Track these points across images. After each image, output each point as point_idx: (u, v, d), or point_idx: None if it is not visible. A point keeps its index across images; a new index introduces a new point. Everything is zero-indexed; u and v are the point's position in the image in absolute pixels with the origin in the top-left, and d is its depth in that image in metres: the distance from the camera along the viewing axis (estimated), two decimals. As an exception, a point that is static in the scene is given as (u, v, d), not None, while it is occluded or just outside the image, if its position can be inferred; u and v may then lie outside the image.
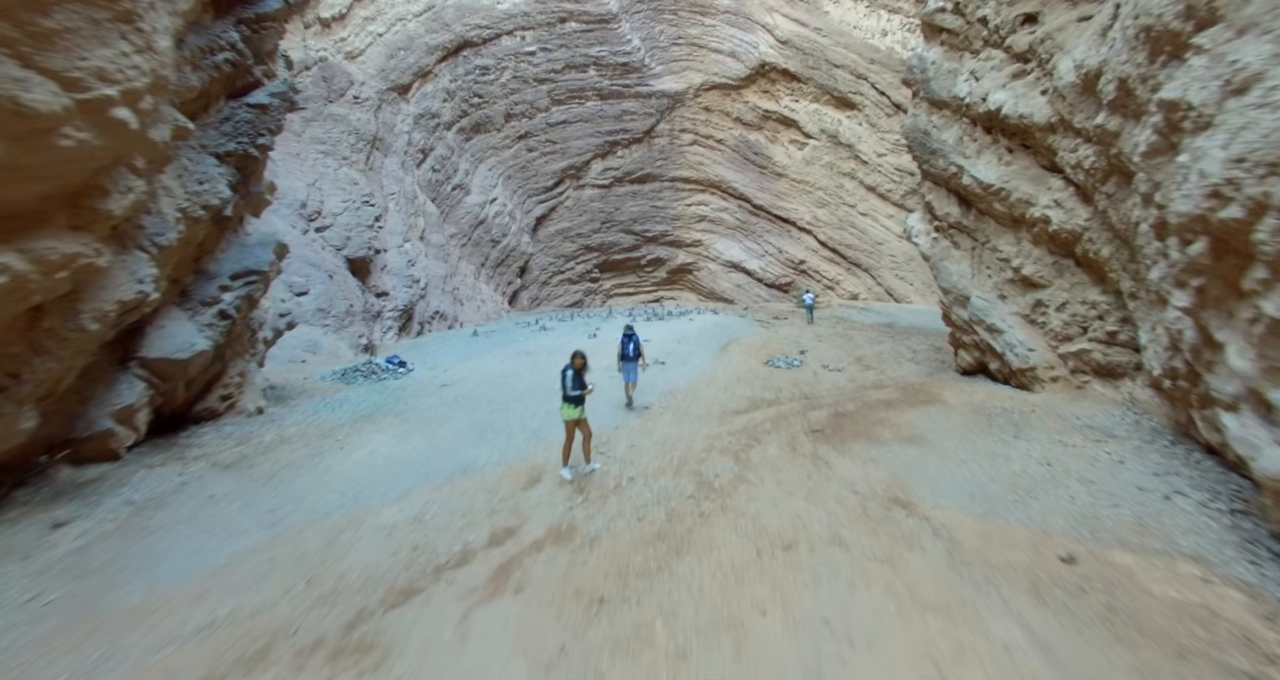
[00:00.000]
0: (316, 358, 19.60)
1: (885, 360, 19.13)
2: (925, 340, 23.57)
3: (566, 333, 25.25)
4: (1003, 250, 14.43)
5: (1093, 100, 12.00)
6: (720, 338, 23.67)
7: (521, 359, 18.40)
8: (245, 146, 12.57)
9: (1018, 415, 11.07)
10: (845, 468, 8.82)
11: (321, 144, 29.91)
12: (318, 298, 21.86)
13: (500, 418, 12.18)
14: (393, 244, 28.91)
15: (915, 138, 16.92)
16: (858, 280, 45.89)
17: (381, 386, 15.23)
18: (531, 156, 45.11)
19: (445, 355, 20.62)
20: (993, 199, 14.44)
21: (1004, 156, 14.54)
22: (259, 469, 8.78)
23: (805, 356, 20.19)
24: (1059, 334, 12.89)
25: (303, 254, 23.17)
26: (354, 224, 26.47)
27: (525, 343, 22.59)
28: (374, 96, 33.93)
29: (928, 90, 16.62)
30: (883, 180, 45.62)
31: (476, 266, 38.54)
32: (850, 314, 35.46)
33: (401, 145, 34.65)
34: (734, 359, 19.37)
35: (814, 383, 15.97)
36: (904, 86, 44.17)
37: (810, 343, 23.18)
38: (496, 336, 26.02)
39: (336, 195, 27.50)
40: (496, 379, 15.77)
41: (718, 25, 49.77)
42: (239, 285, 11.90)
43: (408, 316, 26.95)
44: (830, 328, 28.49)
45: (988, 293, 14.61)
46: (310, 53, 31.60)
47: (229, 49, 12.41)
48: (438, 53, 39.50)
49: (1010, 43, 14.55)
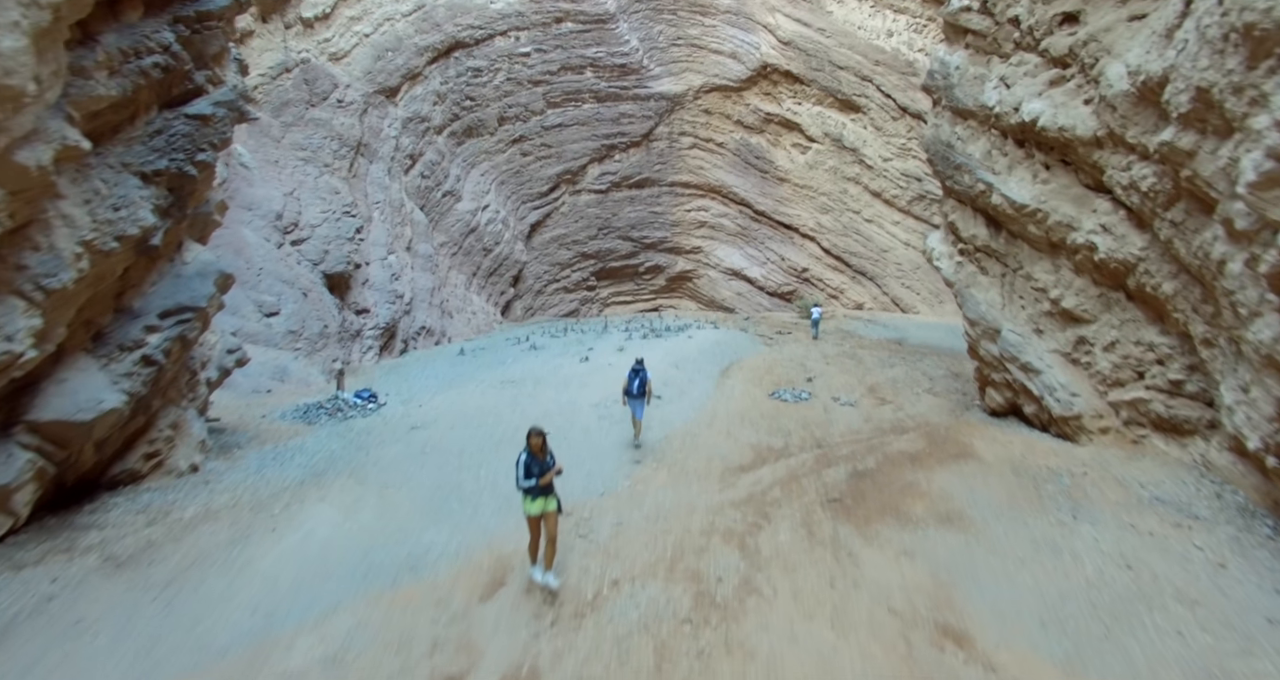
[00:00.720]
0: (284, 386, 17.96)
1: (901, 391, 17.48)
2: (940, 363, 21.91)
3: (557, 352, 23.58)
4: (1038, 279, 12.78)
5: (1153, 112, 10.34)
6: (721, 360, 22.03)
7: (504, 391, 16.76)
8: (180, 164, 10.92)
9: (1069, 479, 9.43)
10: (875, 566, 7.18)
11: (302, 150, 28.26)
12: (289, 318, 20.23)
13: (469, 477, 10.54)
14: (375, 256, 27.26)
15: (937, 151, 15.27)
16: (863, 289, 44.25)
17: (345, 428, 13.59)
18: (526, 161, 43.44)
19: (423, 383, 18.97)
20: (1027, 221, 12.80)
21: (1039, 173, 12.89)
22: (160, 567, 7.15)
23: (813, 385, 18.54)
24: (1108, 378, 11.24)
25: (275, 270, 21.54)
26: (333, 236, 24.83)
27: (512, 366, 20.94)
28: (359, 100, 32.28)
29: (951, 98, 14.97)
30: (888, 186, 43.99)
31: (467, 276, 36.89)
32: (856, 327, 33.82)
33: (388, 151, 33.00)
34: (736, 388, 17.72)
35: (825, 423, 14.32)
36: (912, 88, 42.51)
37: (817, 366, 21.52)
38: (483, 356, 24.36)
39: (316, 205, 25.85)
40: (473, 418, 14.12)
41: (718, 25, 48.11)
42: (169, 325, 10.26)
43: (390, 334, 25.31)
44: (837, 346, 26.84)
45: (1021, 326, 12.95)
46: (291, 54, 29.94)
47: (161, 51, 10.75)
48: (428, 54, 37.82)
49: (1047, 46, 12.90)
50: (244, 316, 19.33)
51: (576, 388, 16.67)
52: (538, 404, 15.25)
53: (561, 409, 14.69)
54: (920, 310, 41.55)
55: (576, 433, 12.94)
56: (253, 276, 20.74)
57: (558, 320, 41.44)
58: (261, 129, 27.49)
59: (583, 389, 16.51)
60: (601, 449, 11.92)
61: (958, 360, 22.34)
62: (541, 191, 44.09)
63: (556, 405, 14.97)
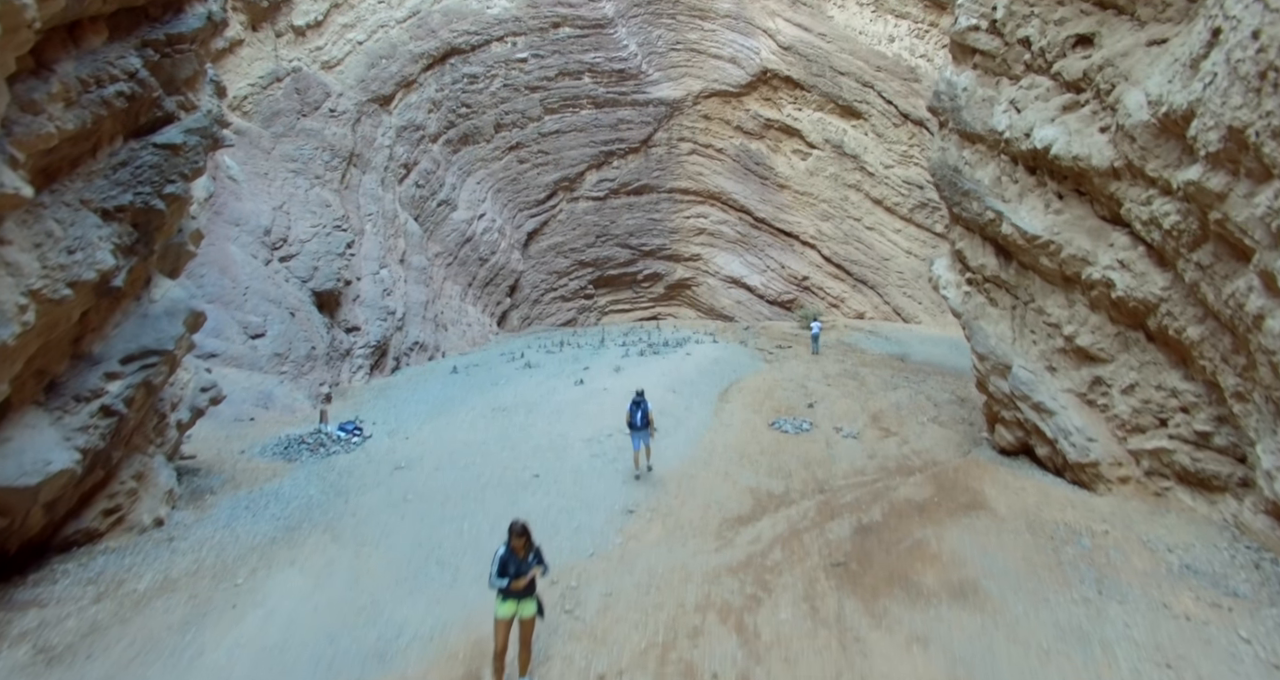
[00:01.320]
0: (268, 413, 17.31)
1: (905, 420, 16.84)
2: (944, 385, 21.28)
3: (552, 371, 22.95)
4: (1051, 313, 12.14)
5: (1176, 146, 9.70)
6: (719, 381, 21.40)
7: (494, 421, 16.13)
8: (146, 198, 10.27)
9: (1090, 540, 8.79)
10: (885, 656, 6.54)
11: (292, 162, 27.58)
12: (275, 340, 19.57)
13: (451, 532, 9.89)
14: (367, 271, 26.59)
15: (943, 175, 14.62)
16: (864, 298, 43.61)
17: (326, 468, 12.95)
18: (523, 168, 42.76)
19: (412, 408, 18.33)
20: (1038, 252, 12.15)
21: (1052, 203, 12.25)
22: (100, 662, 6.48)
23: (814, 412, 17.91)
24: (1127, 423, 10.60)
25: (262, 289, 20.88)
26: (323, 252, 24.17)
27: (505, 388, 20.30)
28: (352, 109, 31.61)
29: (958, 121, 14.31)
30: (890, 193, 43.33)
31: (463, 287, 36.24)
32: (858, 339, 33.20)
33: (382, 160, 32.33)
34: (735, 416, 17.09)
35: (827, 460, 13.68)
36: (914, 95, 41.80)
37: (818, 387, 20.89)
38: (477, 375, 23.73)
39: (306, 219, 25.19)
40: (460, 455, 13.48)
41: (718, 30, 47.39)
42: (132, 370, 9.62)
43: (381, 352, 24.65)
44: (838, 362, 26.21)
45: (1033, 363, 12.30)
46: (282, 63, 29.26)
47: (126, 78, 10.10)
48: (423, 61, 37.14)
49: (1059, 69, 12.26)
50: (228, 339, 18.69)
51: (569, 418, 16.03)
52: (528, 437, 14.61)
53: (553, 444, 14.06)
54: (922, 320, 40.91)
55: (566, 475, 12.30)
56: (238, 296, 20.10)
57: (555, 330, 40.81)
58: (251, 140, 26.83)
59: (576, 420, 15.87)
60: (593, 496, 11.27)
61: (962, 382, 21.72)
62: (539, 199, 43.41)
63: (548, 439, 14.33)
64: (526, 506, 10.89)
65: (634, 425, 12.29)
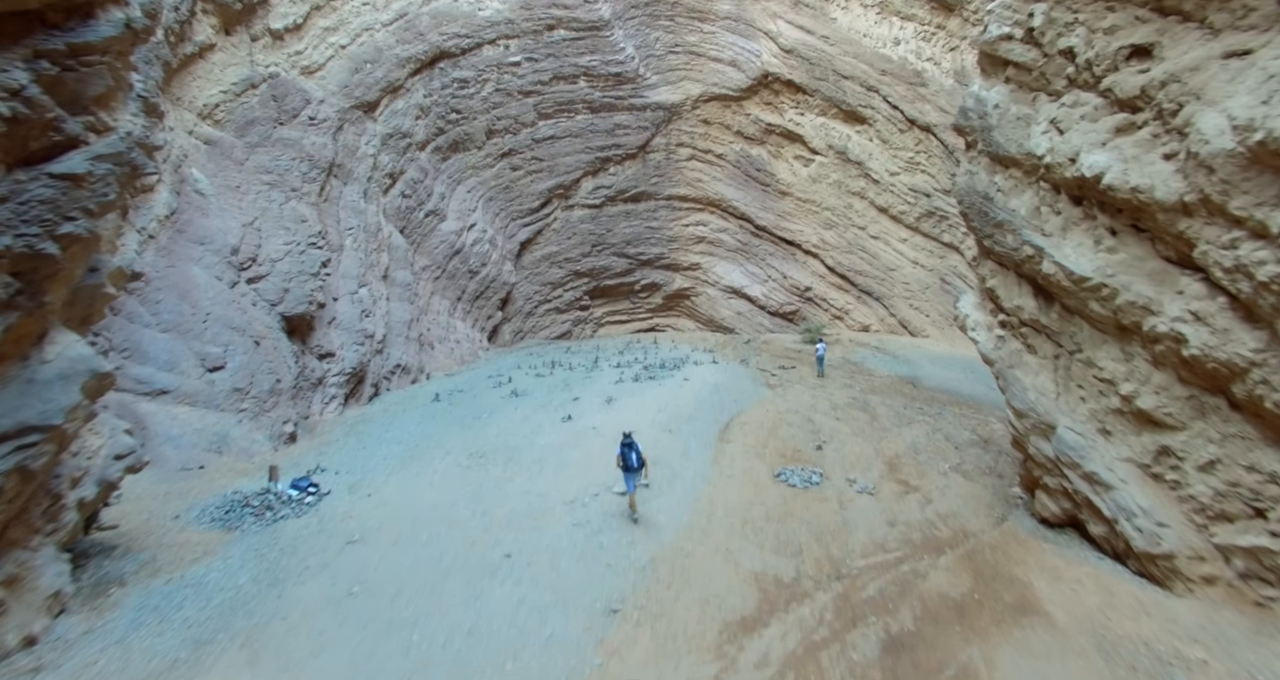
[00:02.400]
0: (221, 460, 15.52)
1: (925, 469, 15.05)
2: (962, 419, 19.50)
3: (539, 401, 21.19)
4: (1104, 367, 10.35)
5: (1273, 181, 7.98)
6: (719, 414, 19.65)
7: (469, 473, 14.35)
8: (32, 240, 8.50)
9: (1184, 676, 7.02)
10: None
11: (267, 174, 25.79)
12: (236, 373, 17.79)
13: (398, 646, 8.12)
14: (345, 291, 24.80)
15: (971, 202, 12.82)
16: (869, 310, 41.81)
17: (269, 539, 11.18)
18: (516, 176, 40.96)
19: (382, 451, 16.56)
20: (1088, 296, 10.38)
21: (1103, 239, 10.45)
22: None
23: (823, 454, 16.14)
24: (1208, 508, 8.82)
25: (225, 315, 19.10)
26: (296, 272, 22.37)
27: (486, 425, 18.54)
28: (334, 116, 29.81)
29: (989, 142, 12.52)
30: (895, 201, 41.55)
31: (451, 302, 34.43)
32: (864, 357, 31.42)
33: (365, 170, 30.54)
34: (736, 463, 15.31)
35: (842, 528, 11.90)
36: (920, 99, 40.02)
37: (826, 422, 19.13)
38: (459, 404, 21.98)
39: (279, 236, 23.40)
40: (425, 522, 11.71)
41: (717, 32, 45.60)
42: (4, 452, 7.85)
43: (358, 379, 22.85)
44: (845, 387, 24.45)
45: (1083, 424, 10.52)
46: (258, 69, 27.45)
47: (8, 97, 8.35)
48: (410, 65, 35.33)
49: (1110, 84, 10.46)
50: (182, 373, 16.90)
51: (552, 471, 14.26)
52: (504, 498, 12.83)
53: (530, 508, 12.28)
54: (929, 333, 39.13)
55: (543, 555, 10.52)
56: (197, 324, 18.32)
57: (548, 344, 39.04)
58: (223, 151, 25.03)
59: (559, 473, 14.11)
60: (572, 587, 9.50)
61: (981, 416, 19.97)
62: (532, 207, 41.62)
63: (525, 502, 12.55)
64: (492, 601, 9.13)
65: (631, 467, 11.85)
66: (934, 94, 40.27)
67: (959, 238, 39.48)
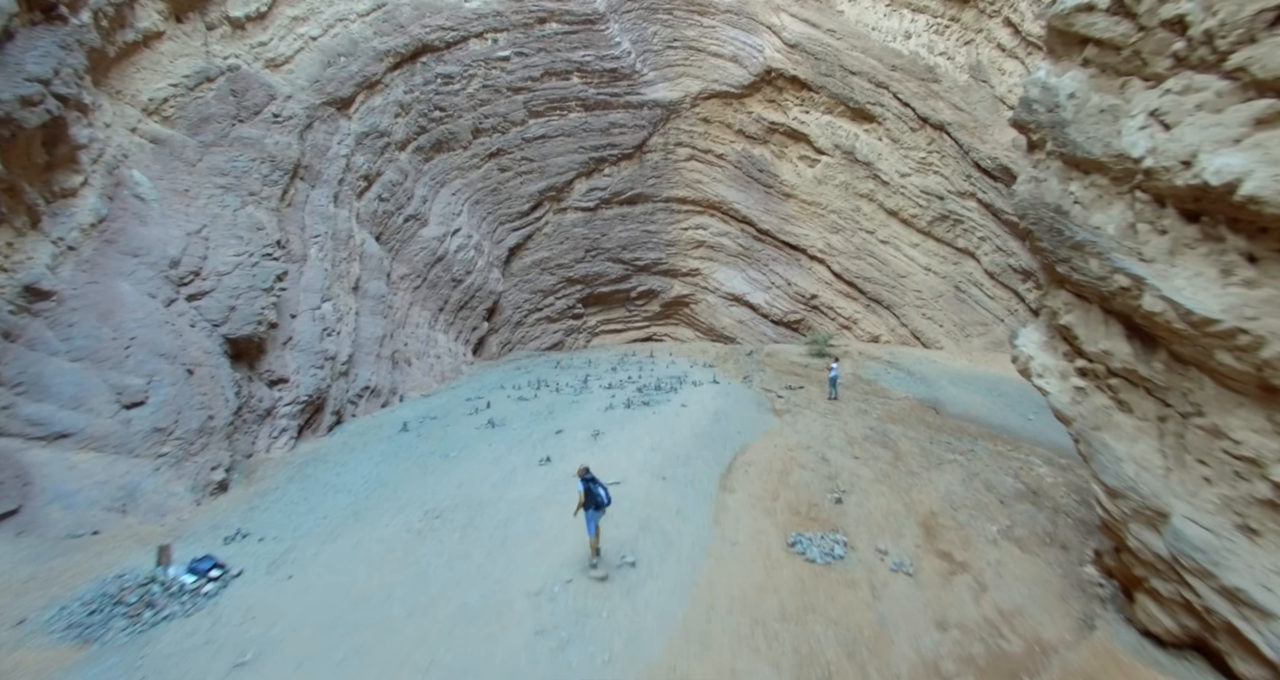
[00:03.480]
0: (123, 520, 12.87)
1: (970, 535, 12.41)
2: (1001, 461, 16.84)
3: (518, 435, 18.57)
4: (1241, 439, 7.69)
5: None
6: (721, 450, 17.06)
7: (419, 543, 11.71)
8: None
9: None
10: None
11: (222, 176, 23.12)
12: (159, 410, 15.12)
13: None
14: (306, 306, 22.14)
15: (1038, 217, 10.14)
16: (878, 319, 39.14)
17: (134, 659, 8.52)
18: (504, 177, 38.25)
19: (326, 505, 13.93)
20: (1214, 343, 7.72)
21: (1236, 268, 7.78)
22: None
23: (844, 509, 13.51)
24: None
25: (153, 339, 16.46)
26: (245, 287, 19.72)
27: (452, 468, 15.92)
28: (302, 113, 27.13)
29: (1062, 140, 9.84)
30: (906, 204, 38.88)
31: (433, 313, 31.76)
32: (877, 373, 28.79)
33: (335, 172, 27.86)
34: (741, 526, 12.69)
35: (878, 634, 9.26)
36: (932, 96, 37.30)
37: (843, 461, 16.51)
38: (427, 436, 19.39)
39: (228, 247, 20.74)
40: (345, 627, 9.08)
41: (718, 26, 42.87)
42: None
43: (316, 407, 20.19)
44: (860, 413, 21.83)
45: (1211, 515, 7.86)
46: (215, 60, 24.77)
47: None
48: (389, 59, 32.63)
49: (1243, 61, 7.77)
50: (91, 410, 14.25)
51: (519, 541, 11.62)
52: (455, 584, 10.18)
53: (484, 605, 9.63)
54: (943, 344, 36.49)
55: (490, 687, 7.89)
56: (118, 351, 15.67)
57: (538, 356, 36.42)
58: (172, 151, 22.37)
59: (527, 544, 11.47)
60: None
61: (1020, 455, 17.34)
62: (522, 211, 38.93)
63: (479, 593, 9.91)
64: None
65: (602, 503, 10.38)
66: (947, 91, 37.58)
67: (974, 243, 36.85)
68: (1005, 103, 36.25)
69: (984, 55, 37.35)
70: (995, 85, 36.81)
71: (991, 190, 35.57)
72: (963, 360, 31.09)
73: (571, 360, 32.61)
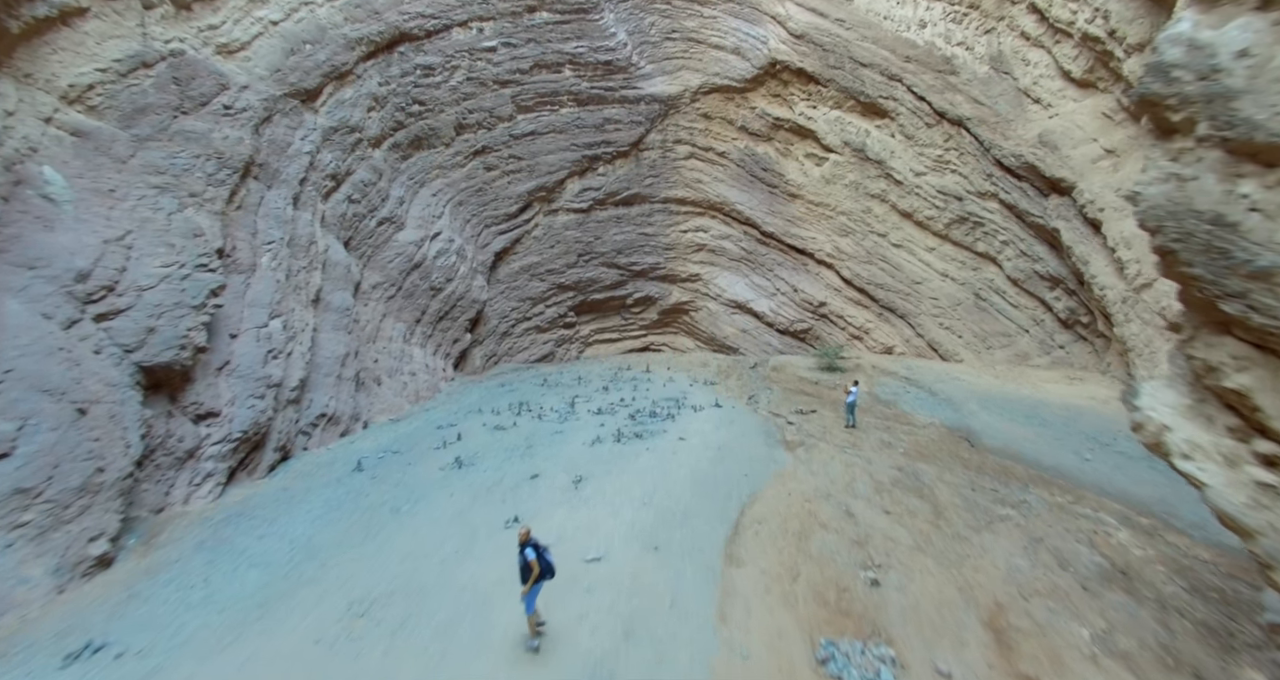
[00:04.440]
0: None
1: (1057, 643, 9.31)
2: (1066, 519, 13.74)
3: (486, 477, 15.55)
4: None
5: None
6: (726, 501, 14.04)
7: (330, 661, 8.66)
8: None
9: None
10: None
11: (158, 174, 20.05)
12: (27, 464, 12.01)
13: None
14: (250, 324, 19.05)
15: (1181, 228, 7.01)
16: (892, 329, 36.04)
17: None
18: (490, 177, 35.15)
19: (225, 594, 10.86)
20: None
21: None
22: None
23: (884, 600, 10.45)
24: None
25: (35, 371, 13.37)
26: (170, 304, 16.64)
27: (400, 530, 12.88)
28: (258, 105, 24.04)
29: (1225, 119, 6.72)
30: (921, 205, 35.74)
31: (408, 325, 28.68)
32: (895, 392, 25.75)
33: (297, 171, 24.75)
34: (755, 629, 9.62)
35: None
36: (949, 89, 34.13)
37: (872, 516, 13.46)
38: (382, 477, 16.35)
39: (155, 256, 17.66)
40: None
41: (719, 16, 39.79)
42: None
43: (254, 444, 17.10)
44: (883, 446, 18.79)
45: None
46: (154, 44, 21.67)
47: None
48: (362, 47, 29.56)
49: None
50: (-59, 469, 11.19)
51: (460, 656, 8.59)
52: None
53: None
54: (962, 356, 33.41)
55: None
56: (-10, 388, 12.61)
57: (526, 369, 33.34)
58: (99, 145, 19.29)
59: (472, 659, 8.43)
60: None
61: (1088, 510, 14.24)
62: (509, 213, 35.84)
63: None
64: None
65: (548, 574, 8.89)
66: (966, 83, 34.38)
67: (996, 247, 33.72)
68: (1029, 95, 33.09)
69: (1006, 44, 34.14)
70: (1019, 77, 33.60)
71: (1015, 190, 32.44)
72: (988, 377, 27.99)
73: (560, 376, 29.52)
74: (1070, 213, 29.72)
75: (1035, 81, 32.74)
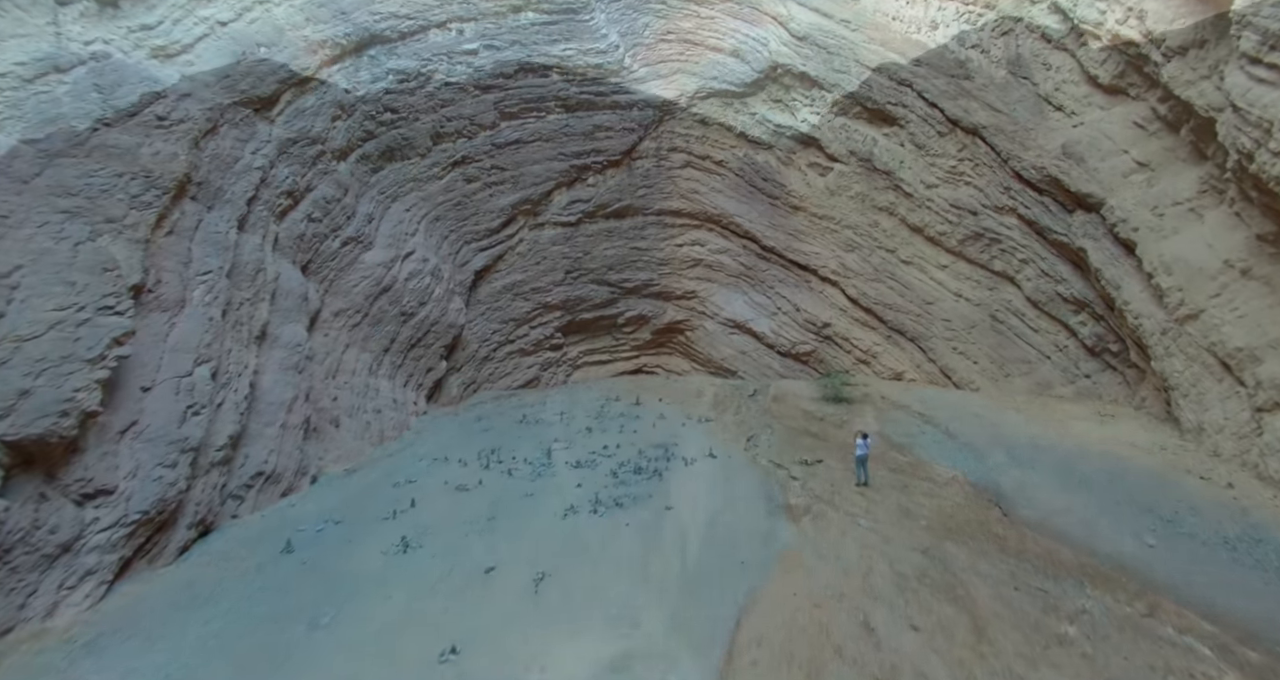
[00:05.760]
0: None
1: None
2: (1145, 649, 10.79)
3: (437, 565, 12.66)
4: None
5: None
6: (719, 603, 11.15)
7: None
8: None
9: None
10: None
11: (68, 196, 17.13)
12: None
13: None
14: (169, 373, 16.08)
15: None
16: (901, 353, 33.07)
17: None
18: (471, 189, 32.15)
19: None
20: None
21: None
22: None
23: None
24: None
25: None
26: (56, 359, 13.70)
27: (307, 665, 9.97)
28: (200, 116, 21.08)
29: None
30: (933, 219, 32.74)
31: (375, 355, 25.73)
32: (910, 435, 22.83)
33: (245, 189, 21.77)
34: None
35: None
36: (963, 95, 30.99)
37: (897, 633, 10.59)
38: (313, 564, 13.48)
39: (49, 297, 14.70)
40: None
41: (716, 17, 36.80)
42: None
43: (160, 524, 14.10)
44: (901, 515, 15.88)
45: None
46: (70, 45, 18.75)
47: None
48: (326, 51, 26.62)
49: None
50: None
51: None
52: None
53: None
54: (978, 385, 30.44)
55: None
56: None
57: (507, 398, 30.41)
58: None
59: None
60: None
61: (1165, 625, 11.29)
62: (491, 227, 32.87)
63: None
64: None
65: None
66: (981, 89, 31.33)
67: (1014, 266, 30.71)
68: (1051, 102, 30.05)
69: (1025, 47, 31.07)
70: (1039, 83, 30.52)
71: (1036, 205, 29.44)
72: (1009, 412, 25.00)
73: (541, 410, 26.56)
74: (1098, 231, 26.72)
75: (1057, 87, 29.72)
